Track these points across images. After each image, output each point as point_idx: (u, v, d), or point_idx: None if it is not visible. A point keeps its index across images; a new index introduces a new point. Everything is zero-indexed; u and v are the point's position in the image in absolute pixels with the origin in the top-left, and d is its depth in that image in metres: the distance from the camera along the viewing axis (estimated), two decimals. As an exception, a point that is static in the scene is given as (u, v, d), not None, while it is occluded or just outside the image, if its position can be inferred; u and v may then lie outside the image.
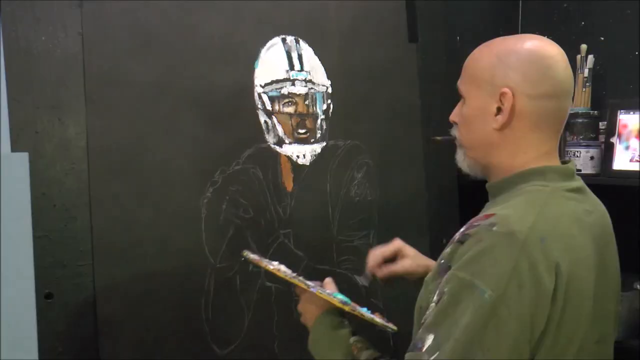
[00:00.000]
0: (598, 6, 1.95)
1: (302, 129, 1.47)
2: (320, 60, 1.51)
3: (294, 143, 1.47)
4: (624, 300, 1.67)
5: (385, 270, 1.25)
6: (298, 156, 1.47)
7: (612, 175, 1.73)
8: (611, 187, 1.76)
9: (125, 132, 1.26)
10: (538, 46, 0.96)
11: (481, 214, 0.93)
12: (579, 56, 1.89)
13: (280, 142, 1.45)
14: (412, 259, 1.26)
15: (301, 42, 1.49)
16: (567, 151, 1.79)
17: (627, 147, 1.73)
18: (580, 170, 1.76)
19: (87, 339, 1.21)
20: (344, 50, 1.56)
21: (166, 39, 1.31)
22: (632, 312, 1.68)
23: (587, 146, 1.76)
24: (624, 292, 1.69)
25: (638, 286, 1.71)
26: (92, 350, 1.21)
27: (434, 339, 0.84)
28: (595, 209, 1.00)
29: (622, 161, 1.73)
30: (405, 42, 1.68)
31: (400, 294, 1.33)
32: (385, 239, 1.60)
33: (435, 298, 0.87)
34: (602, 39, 1.93)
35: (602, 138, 1.80)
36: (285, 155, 1.46)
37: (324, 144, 1.51)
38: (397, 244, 1.28)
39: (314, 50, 1.51)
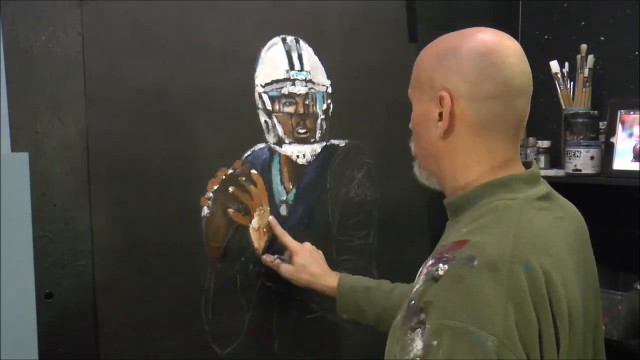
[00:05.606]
0: (598, 6, 1.95)
1: (302, 128, 1.47)
2: (320, 60, 1.51)
3: (294, 143, 1.46)
4: (624, 300, 1.67)
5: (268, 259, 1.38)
6: (298, 156, 1.47)
7: (612, 175, 1.73)
8: (611, 187, 1.77)
9: (125, 132, 1.26)
10: (478, 42, 0.86)
11: (449, 240, 0.83)
12: (579, 56, 1.90)
13: (280, 142, 1.45)
14: (295, 269, 1.33)
15: (301, 41, 1.49)
16: (567, 151, 1.79)
17: (627, 147, 1.73)
18: (580, 170, 1.76)
19: (87, 339, 1.21)
20: (344, 50, 1.56)
21: (166, 39, 1.31)
22: (632, 312, 1.68)
23: (587, 146, 1.76)
24: (624, 292, 1.69)
25: (638, 286, 1.70)
26: (92, 350, 1.21)
27: None
28: (566, 214, 0.91)
29: (622, 161, 1.73)
30: (405, 42, 1.68)
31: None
32: (385, 239, 1.61)
33: (417, 352, 0.73)
34: (602, 39, 1.93)
35: (602, 138, 1.80)
36: (285, 155, 1.45)
37: (324, 143, 1.51)
38: (294, 248, 1.35)
39: (314, 50, 1.51)
